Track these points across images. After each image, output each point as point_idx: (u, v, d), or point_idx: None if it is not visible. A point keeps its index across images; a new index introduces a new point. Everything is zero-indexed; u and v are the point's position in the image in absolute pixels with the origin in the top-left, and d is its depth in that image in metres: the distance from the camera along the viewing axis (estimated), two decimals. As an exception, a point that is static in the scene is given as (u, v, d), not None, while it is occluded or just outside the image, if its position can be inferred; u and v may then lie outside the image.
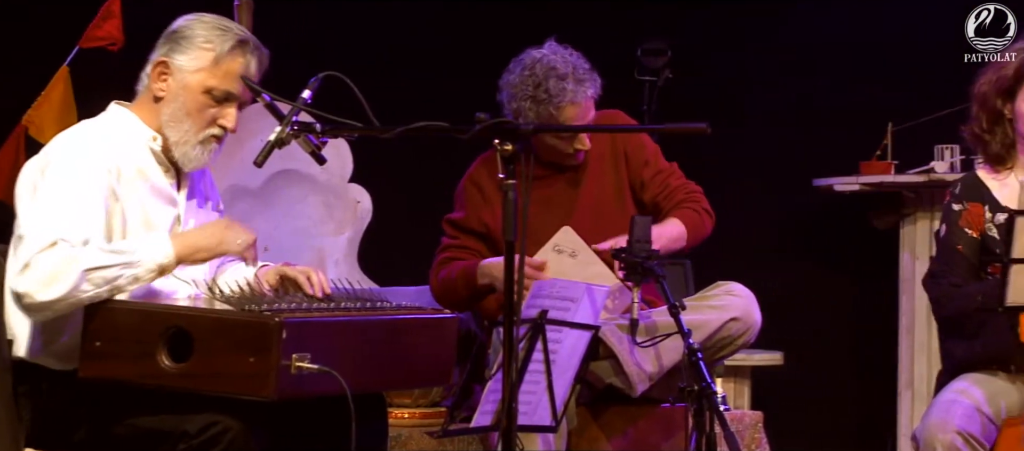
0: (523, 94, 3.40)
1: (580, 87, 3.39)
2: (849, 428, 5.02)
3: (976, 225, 3.21)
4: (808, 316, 5.00)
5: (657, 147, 3.63)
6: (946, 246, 3.25)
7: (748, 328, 3.41)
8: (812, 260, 5.08)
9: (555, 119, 3.38)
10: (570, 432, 3.33)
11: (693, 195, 3.55)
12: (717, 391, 3.81)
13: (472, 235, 3.54)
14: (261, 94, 2.71)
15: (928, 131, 4.49)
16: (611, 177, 3.55)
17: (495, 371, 2.84)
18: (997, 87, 3.20)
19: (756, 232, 5.06)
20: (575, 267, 3.35)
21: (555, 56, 3.42)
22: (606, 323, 3.30)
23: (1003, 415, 3.08)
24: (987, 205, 3.23)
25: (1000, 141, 3.23)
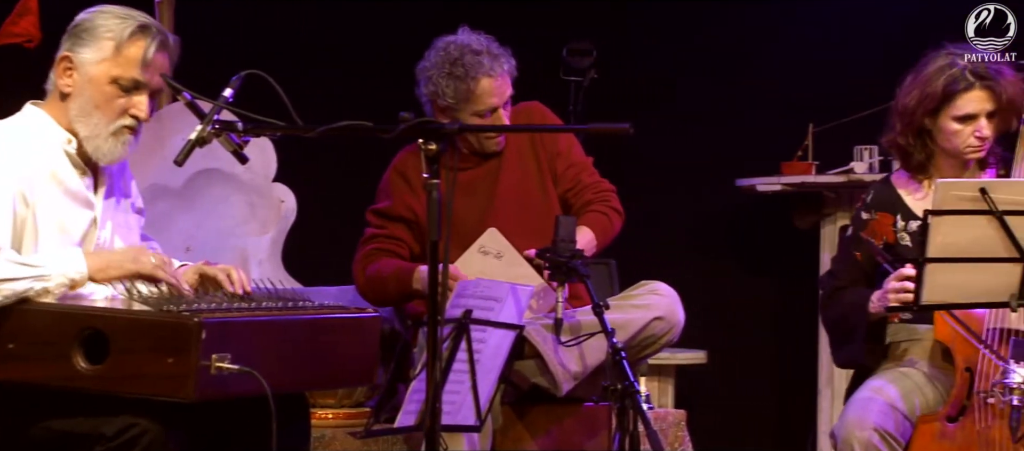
0: (439, 73, 3.43)
1: (495, 62, 3.42)
2: (771, 426, 5.08)
3: (883, 234, 3.26)
4: (731, 315, 5.06)
5: (574, 140, 3.64)
6: (845, 248, 3.31)
7: (672, 327, 3.44)
8: (735, 259, 5.13)
9: (472, 93, 3.41)
10: (495, 431, 3.34)
11: (604, 194, 3.57)
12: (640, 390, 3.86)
13: (398, 223, 3.53)
14: (181, 92, 2.68)
15: (847, 132, 4.56)
16: (532, 166, 3.57)
17: (419, 371, 2.84)
18: (923, 104, 3.22)
19: (680, 232, 5.10)
20: (501, 268, 3.36)
21: (468, 36, 3.47)
22: (531, 323, 3.31)
23: (917, 412, 3.14)
24: (899, 214, 3.28)
25: (921, 152, 3.28)
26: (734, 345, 5.00)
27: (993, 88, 3.17)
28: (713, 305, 4.94)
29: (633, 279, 3.56)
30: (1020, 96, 3.19)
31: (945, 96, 3.20)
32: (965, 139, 3.20)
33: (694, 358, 4.73)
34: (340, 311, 2.75)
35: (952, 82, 3.19)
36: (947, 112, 3.21)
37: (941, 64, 3.22)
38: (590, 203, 3.55)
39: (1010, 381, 2.94)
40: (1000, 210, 2.73)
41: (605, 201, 3.56)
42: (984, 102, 3.18)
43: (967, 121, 3.19)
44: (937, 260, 2.78)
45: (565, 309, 3.24)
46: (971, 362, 3.08)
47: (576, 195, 3.56)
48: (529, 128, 3.59)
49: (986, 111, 3.18)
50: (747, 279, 5.09)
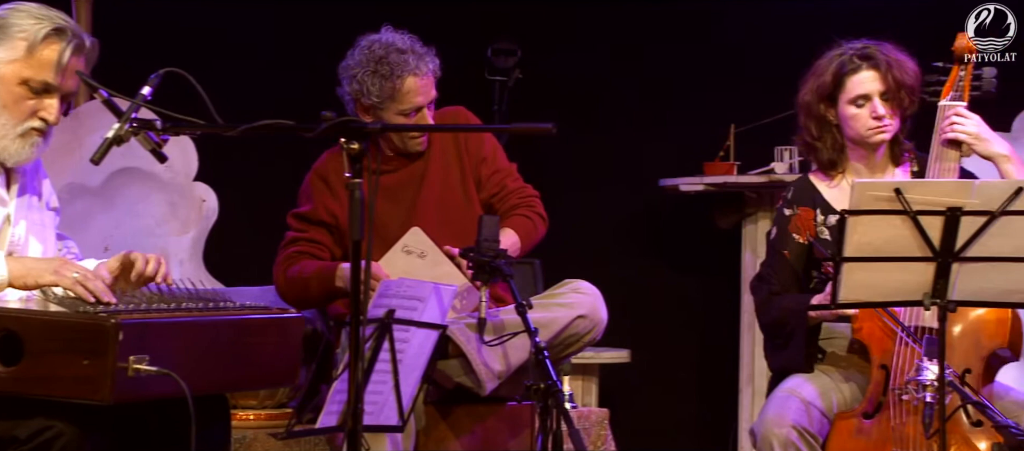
0: (364, 72, 3.41)
1: (421, 61, 3.42)
2: (693, 423, 5.13)
3: (805, 230, 3.32)
4: (654, 314, 5.10)
5: (498, 146, 3.65)
6: (773, 250, 3.35)
7: (594, 325, 3.45)
8: (658, 259, 5.17)
9: (398, 92, 3.40)
10: (418, 432, 3.33)
11: (528, 199, 3.58)
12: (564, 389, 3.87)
13: (319, 227, 3.51)
14: (98, 89, 2.64)
15: (768, 133, 4.62)
16: (456, 170, 3.56)
17: (341, 371, 2.82)
18: (819, 94, 3.31)
19: (604, 231, 5.13)
20: (424, 267, 3.35)
21: (393, 35, 3.46)
22: (454, 322, 3.31)
23: (834, 409, 3.19)
24: (818, 209, 3.33)
25: (830, 147, 3.34)
26: (657, 344, 5.04)
27: (880, 67, 3.25)
28: (636, 304, 4.98)
29: (557, 278, 3.58)
30: (912, 78, 3.27)
31: (836, 81, 3.28)
32: (864, 122, 3.27)
33: (617, 357, 4.76)
34: (262, 311, 2.73)
35: (841, 66, 3.27)
36: (842, 98, 3.29)
37: (831, 54, 3.31)
38: (515, 207, 3.56)
39: (923, 378, 2.99)
40: (914, 210, 2.78)
41: (530, 206, 3.57)
42: (874, 81, 3.25)
43: (862, 103, 3.26)
44: (853, 259, 2.82)
45: (489, 308, 3.24)
46: (887, 359, 3.14)
47: (501, 200, 3.56)
48: (453, 128, 3.59)
49: (878, 91, 3.25)
50: (670, 278, 5.14)
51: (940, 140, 3.25)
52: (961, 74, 3.27)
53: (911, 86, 3.27)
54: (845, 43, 3.32)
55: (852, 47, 3.30)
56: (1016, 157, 3.23)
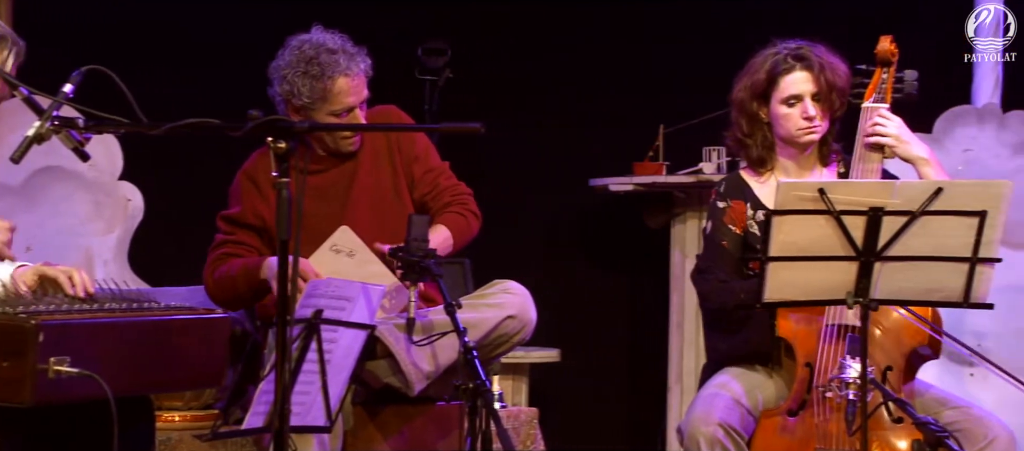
0: (295, 72, 3.39)
1: (352, 61, 3.40)
2: (623, 422, 5.16)
3: (739, 222, 3.36)
4: (584, 313, 5.11)
5: (430, 144, 3.64)
6: (712, 242, 3.39)
7: (524, 325, 3.46)
8: (588, 258, 5.19)
9: (329, 92, 3.38)
10: (346, 432, 3.31)
11: (461, 197, 3.58)
12: (493, 389, 3.88)
13: (248, 230, 3.48)
14: (18, 87, 2.60)
15: (697, 133, 4.65)
16: (388, 171, 3.55)
17: (268, 371, 2.80)
18: (752, 92, 3.36)
19: (534, 231, 5.14)
20: (353, 266, 3.34)
21: (323, 35, 3.44)
22: (383, 322, 3.29)
23: (760, 407, 3.23)
24: (749, 203, 3.37)
25: (760, 144, 3.38)
26: (587, 343, 5.06)
27: (813, 69, 3.30)
28: (566, 303, 4.99)
29: (487, 278, 3.58)
30: (843, 80, 3.32)
31: (770, 80, 3.32)
32: (795, 122, 3.31)
33: (547, 356, 4.77)
34: (187, 312, 2.70)
35: (775, 66, 3.32)
36: (775, 96, 3.33)
37: (766, 53, 3.36)
38: (448, 205, 3.55)
39: (846, 376, 3.03)
40: (838, 210, 2.82)
41: (463, 204, 3.57)
42: (807, 82, 3.30)
43: (793, 103, 3.31)
44: (779, 259, 2.86)
45: (418, 308, 3.22)
46: (811, 358, 3.18)
47: (434, 198, 3.56)
48: (382, 127, 3.57)
49: (810, 92, 3.30)
50: (600, 278, 5.16)
51: (863, 142, 3.30)
52: (884, 76, 3.33)
53: (842, 88, 3.32)
54: (780, 43, 3.37)
55: (787, 47, 3.35)
56: (935, 160, 3.29)
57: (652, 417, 4.92)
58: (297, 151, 2.53)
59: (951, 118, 4.61)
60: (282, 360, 2.47)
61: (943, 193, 2.79)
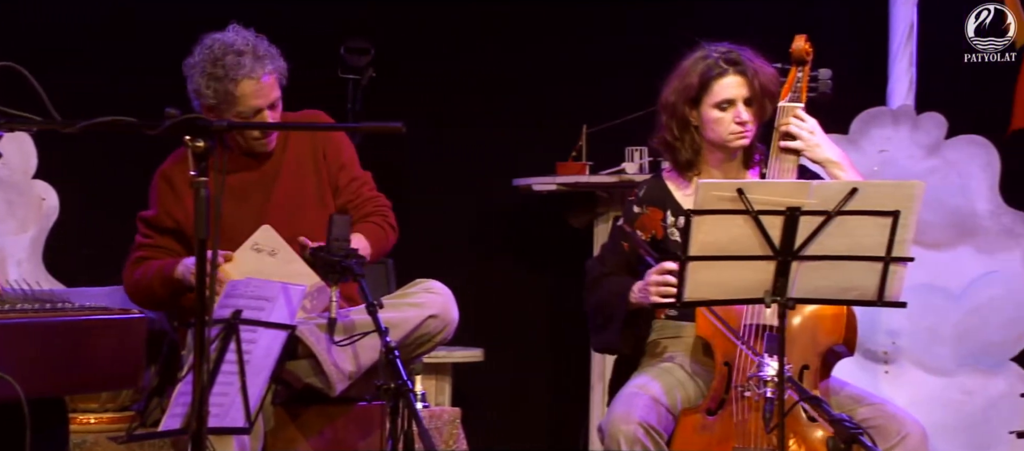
0: (201, 72, 3.37)
1: (258, 63, 3.36)
2: (545, 421, 5.17)
3: (650, 229, 3.38)
4: (508, 313, 5.12)
5: (354, 153, 3.63)
6: (615, 238, 3.42)
7: (446, 325, 3.46)
8: (512, 258, 5.20)
9: (232, 95, 3.36)
10: (266, 433, 3.29)
11: (381, 209, 3.57)
12: (415, 388, 3.87)
13: (165, 233, 3.44)
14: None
15: (620, 133, 4.68)
16: (312, 175, 3.53)
17: (185, 372, 2.77)
18: (683, 95, 3.37)
19: (458, 230, 5.14)
20: (275, 266, 3.31)
21: (234, 35, 3.41)
22: (304, 322, 3.27)
23: (679, 406, 3.26)
24: (669, 210, 3.40)
25: (689, 147, 3.40)
26: (510, 343, 5.07)
27: (746, 74, 3.32)
28: (490, 303, 5.00)
29: (410, 278, 3.57)
30: (773, 83, 3.35)
31: (702, 84, 3.34)
32: (727, 126, 3.34)
33: (471, 356, 4.77)
34: (102, 312, 2.67)
35: (707, 70, 3.33)
36: (706, 100, 3.35)
37: (697, 56, 3.37)
38: (368, 215, 3.55)
39: (764, 374, 3.07)
40: (756, 210, 2.85)
41: (383, 216, 3.57)
42: (739, 87, 3.32)
43: (725, 107, 3.33)
44: (698, 258, 2.88)
45: (339, 308, 3.21)
46: (729, 357, 3.22)
47: (355, 208, 3.55)
48: (299, 126, 3.54)
49: (742, 96, 3.33)
50: (523, 277, 5.17)
51: (779, 141, 3.34)
52: (799, 75, 3.36)
53: (773, 93, 3.34)
54: (708, 45, 3.38)
55: (717, 50, 3.36)
56: (848, 163, 3.33)
57: (575, 416, 4.94)
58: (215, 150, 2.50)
59: (867, 119, 4.69)
60: (200, 361, 2.45)
61: (858, 193, 2.83)
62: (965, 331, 4.58)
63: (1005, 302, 4.56)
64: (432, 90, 5.05)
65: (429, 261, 4.32)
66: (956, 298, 4.59)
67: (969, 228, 4.60)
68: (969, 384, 4.54)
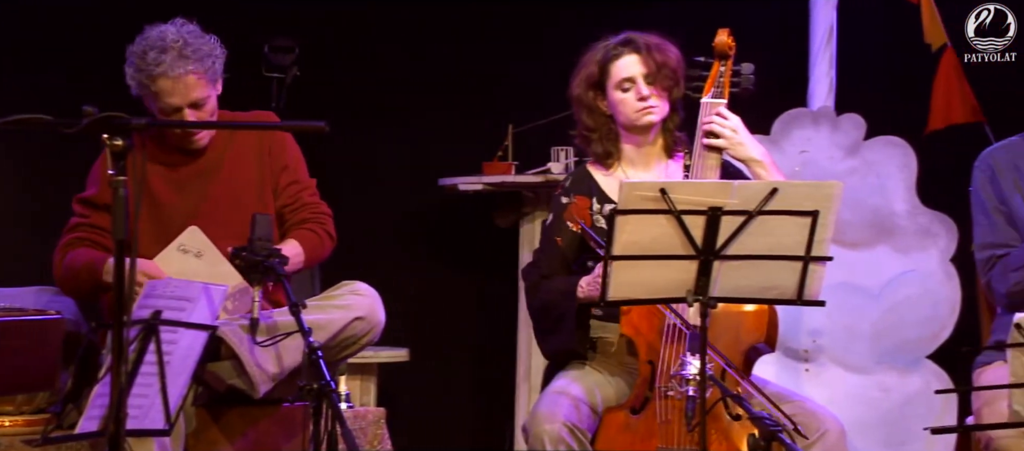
0: (131, 62, 3.38)
1: (180, 62, 3.34)
2: (471, 421, 5.17)
3: (581, 216, 3.40)
4: (434, 313, 5.11)
5: (301, 158, 3.62)
6: (547, 236, 3.43)
7: (372, 327, 3.44)
8: (438, 258, 5.19)
9: (149, 90, 3.36)
10: (187, 435, 3.26)
11: (320, 217, 3.56)
12: (339, 389, 3.85)
13: (103, 212, 3.41)
14: None
15: (545, 133, 4.70)
16: (254, 173, 3.52)
17: (103, 374, 2.73)
18: (587, 84, 3.43)
19: (383, 230, 5.12)
20: (201, 267, 3.29)
21: (171, 30, 3.39)
22: (226, 323, 3.24)
23: (602, 406, 3.27)
24: (595, 197, 3.42)
25: (604, 137, 3.44)
26: (436, 343, 5.06)
27: (640, 51, 3.37)
28: (416, 303, 4.98)
29: (336, 279, 3.55)
30: (673, 60, 3.38)
31: (602, 69, 3.40)
32: (631, 104, 3.38)
33: (396, 356, 4.75)
34: (16, 313, 2.62)
35: (605, 54, 3.40)
36: (609, 84, 3.40)
37: (597, 47, 3.44)
38: (305, 221, 3.53)
39: (686, 373, 3.09)
40: (678, 209, 2.87)
41: (321, 224, 3.55)
42: (636, 64, 3.37)
43: (627, 87, 3.38)
44: (621, 257, 2.90)
45: (262, 309, 3.19)
46: (653, 355, 3.24)
47: (293, 212, 3.53)
48: (219, 125, 3.51)
49: (641, 73, 3.37)
50: (449, 277, 5.17)
51: (700, 139, 3.37)
52: (721, 70, 3.40)
53: (673, 68, 3.39)
54: (610, 37, 3.43)
55: (615, 38, 3.42)
56: (770, 162, 3.37)
57: (500, 416, 4.94)
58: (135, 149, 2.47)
59: (788, 120, 4.74)
60: (118, 362, 2.41)
61: (778, 193, 2.86)
62: (883, 329, 4.65)
63: (921, 301, 4.64)
64: (358, 89, 5.03)
65: (355, 261, 4.30)
66: (874, 297, 4.66)
67: (887, 228, 4.68)
68: (886, 381, 4.61)
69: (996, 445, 3.15)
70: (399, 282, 4.84)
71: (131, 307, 2.54)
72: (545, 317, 3.36)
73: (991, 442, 3.16)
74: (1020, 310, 3.02)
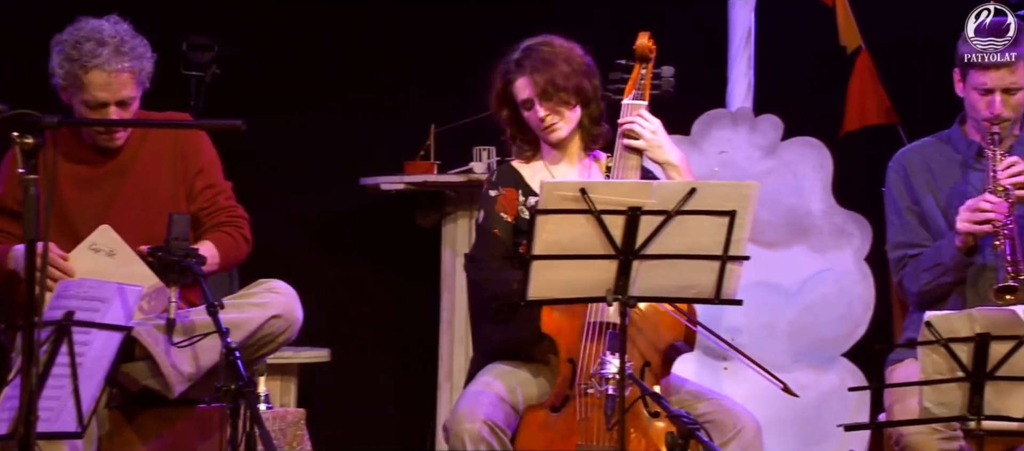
0: (61, 52, 3.33)
1: (116, 58, 3.31)
2: (392, 421, 5.16)
3: (510, 209, 3.42)
4: (355, 313, 5.09)
5: (217, 160, 3.59)
6: (484, 231, 3.43)
7: (290, 326, 3.42)
8: (360, 257, 5.17)
9: (80, 81, 3.31)
10: (100, 437, 3.22)
11: (237, 220, 3.53)
12: (258, 389, 3.81)
13: (6, 215, 3.34)
14: None
15: (467, 133, 4.70)
16: (168, 175, 3.48)
17: (13, 376, 2.68)
18: (498, 100, 3.47)
19: (304, 230, 5.09)
20: (113, 267, 3.25)
21: (107, 24, 3.36)
22: (142, 324, 3.21)
23: (523, 404, 3.28)
24: (520, 190, 3.44)
25: (528, 141, 3.47)
26: (358, 343, 5.04)
27: (527, 72, 3.36)
28: (337, 303, 4.96)
29: (254, 278, 3.52)
30: (563, 77, 3.35)
31: (504, 89, 3.42)
32: (535, 123, 3.41)
33: (317, 356, 4.72)
34: (-77, 315, 2.55)
35: (505, 73, 3.42)
36: (504, 102, 3.44)
37: (499, 63, 3.44)
38: (222, 224, 3.50)
39: (606, 372, 3.11)
40: (598, 209, 2.89)
41: (237, 227, 3.52)
42: (527, 88, 3.38)
43: (528, 106, 3.40)
44: (542, 257, 2.91)
45: (178, 309, 3.15)
46: (573, 354, 3.25)
47: (209, 215, 3.50)
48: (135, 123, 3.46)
49: (534, 94, 3.37)
50: (371, 276, 5.14)
51: (621, 140, 3.40)
52: (642, 72, 3.42)
53: (563, 85, 3.35)
54: (518, 45, 3.43)
55: (517, 50, 3.42)
56: (685, 166, 3.39)
57: (422, 415, 4.94)
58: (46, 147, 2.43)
59: (707, 121, 4.79)
60: (29, 364, 2.37)
61: (697, 193, 2.89)
62: (799, 328, 4.72)
63: (837, 299, 4.71)
64: (279, 87, 4.99)
65: (274, 261, 4.26)
66: (791, 296, 4.73)
67: (804, 227, 4.74)
68: (802, 379, 4.68)
69: (907, 441, 3.21)
70: (321, 282, 4.80)
71: (42, 308, 2.50)
72: (503, 309, 3.33)
73: (902, 438, 3.22)
74: (931, 308, 3.09)
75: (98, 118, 3.35)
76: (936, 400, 2.95)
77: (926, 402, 2.96)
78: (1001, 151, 3.41)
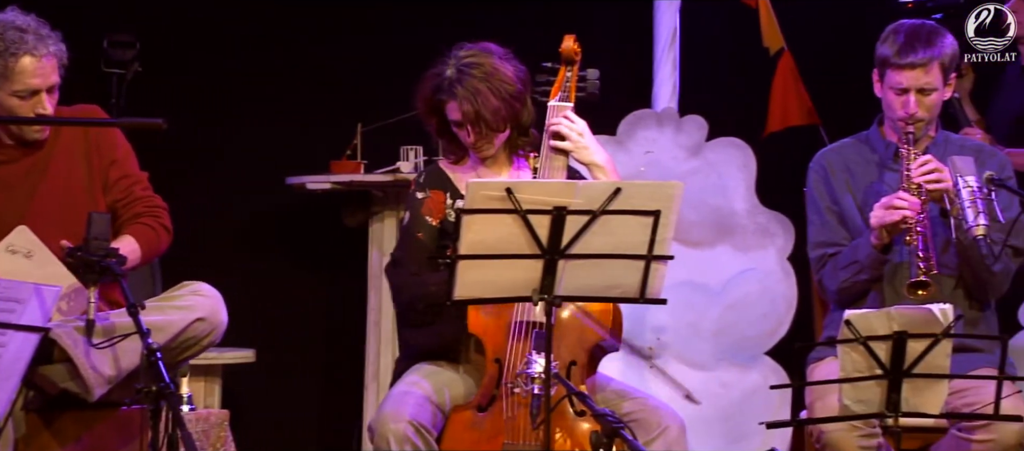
0: None
1: (41, 42, 3.29)
2: (318, 421, 5.13)
3: (437, 212, 3.41)
4: (281, 313, 5.05)
5: (131, 151, 3.54)
6: (407, 234, 3.42)
7: (214, 328, 3.39)
8: (286, 258, 5.13)
9: (11, 70, 3.27)
10: (16, 440, 3.16)
11: (155, 210, 3.49)
12: (180, 391, 3.77)
13: None
14: None
15: (395, 132, 4.68)
16: (82, 167, 3.43)
17: (-74, 380, 2.63)
18: (427, 108, 3.44)
19: (229, 230, 5.04)
20: (31, 268, 3.20)
21: (16, 15, 3.33)
22: (60, 325, 3.16)
23: (449, 404, 3.28)
24: (448, 193, 3.43)
25: (457, 145, 3.46)
26: (283, 343, 5.00)
27: (462, 102, 3.33)
28: (262, 303, 4.92)
29: (179, 279, 3.48)
30: (491, 109, 3.32)
31: (434, 102, 3.39)
32: (464, 139, 3.41)
33: (242, 357, 4.68)
34: None
35: (436, 91, 3.39)
36: (444, 114, 3.38)
37: (434, 71, 3.40)
38: (139, 216, 3.46)
39: (532, 371, 3.12)
40: (524, 209, 2.89)
41: (156, 217, 3.48)
42: (456, 112, 3.36)
43: (458, 126, 3.39)
44: (468, 256, 2.90)
45: (99, 310, 3.11)
46: (500, 353, 3.26)
47: (126, 207, 3.45)
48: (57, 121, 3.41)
49: (463, 118, 3.35)
50: (297, 277, 5.11)
51: (548, 141, 3.41)
52: (568, 75, 3.44)
53: (492, 120, 3.33)
54: (450, 52, 3.40)
55: (450, 61, 3.37)
56: (611, 168, 3.41)
57: (348, 416, 4.91)
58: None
59: (633, 121, 4.82)
60: (-58, 367, 2.32)
61: (621, 193, 2.91)
62: (723, 327, 4.76)
63: (760, 298, 4.77)
64: (202, 85, 4.94)
65: (198, 261, 4.23)
66: (716, 294, 4.77)
67: (728, 227, 4.79)
68: (726, 377, 4.73)
69: (827, 438, 3.25)
70: (245, 282, 4.76)
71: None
72: (423, 312, 3.33)
73: (822, 435, 3.27)
74: (850, 307, 3.13)
75: (23, 113, 3.29)
76: (855, 398, 2.99)
77: (845, 399, 3.01)
78: (916, 150, 3.47)
